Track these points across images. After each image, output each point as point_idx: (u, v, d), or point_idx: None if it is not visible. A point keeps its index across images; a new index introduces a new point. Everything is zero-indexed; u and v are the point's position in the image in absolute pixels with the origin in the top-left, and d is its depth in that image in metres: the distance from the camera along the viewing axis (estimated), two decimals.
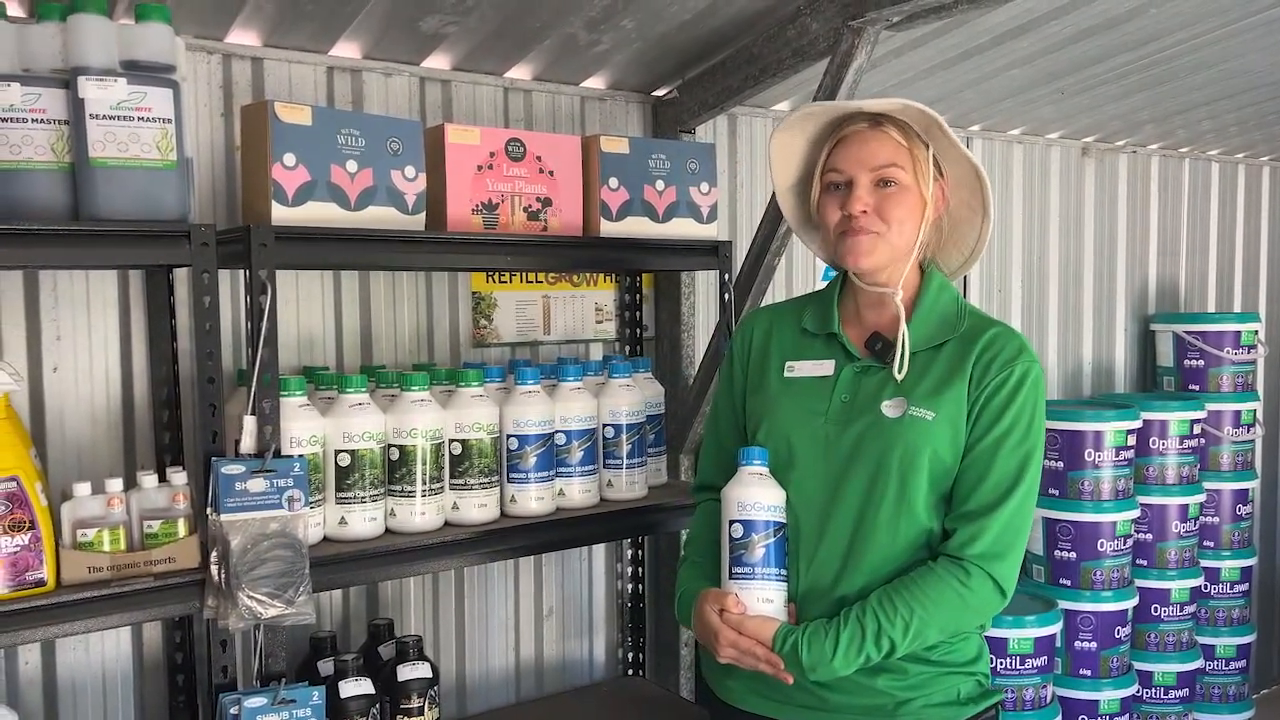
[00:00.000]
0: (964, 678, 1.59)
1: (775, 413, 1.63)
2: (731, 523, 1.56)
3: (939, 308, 1.61)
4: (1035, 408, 1.54)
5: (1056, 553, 3.25)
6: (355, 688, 1.94)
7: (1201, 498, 3.49)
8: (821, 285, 1.82)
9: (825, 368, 1.63)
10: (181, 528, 1.70)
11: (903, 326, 1.57)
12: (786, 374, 1.65)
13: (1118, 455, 3.21)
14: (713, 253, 2.30)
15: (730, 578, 1.56)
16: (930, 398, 1.53)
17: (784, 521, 1.57)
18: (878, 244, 1.55)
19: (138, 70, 1.62)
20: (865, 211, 1.55)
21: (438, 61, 2.35)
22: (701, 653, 1.72)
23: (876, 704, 1.55)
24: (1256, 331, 3.71)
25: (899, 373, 1.55)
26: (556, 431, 2.09)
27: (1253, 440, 3.75)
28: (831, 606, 1.54)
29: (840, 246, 1.58)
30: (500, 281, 2.49)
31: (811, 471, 1.58)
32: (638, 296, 2.64)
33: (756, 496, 1.55)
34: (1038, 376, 1.56)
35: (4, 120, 1.55)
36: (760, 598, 1.54)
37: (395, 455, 1.92)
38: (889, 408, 1.54)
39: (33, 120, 1.57)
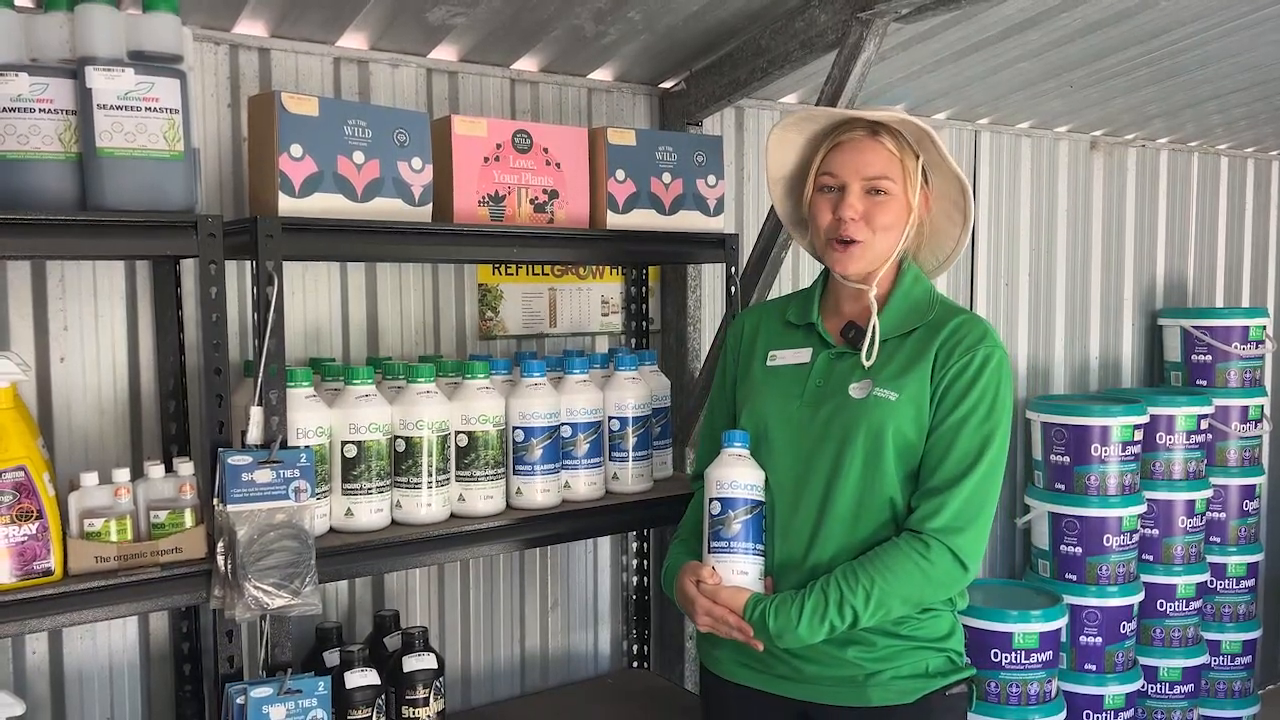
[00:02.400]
0: (933, 653, 1.67)
1: (756, 398, 1.75)
2: (711, 500, 1.67)
3: (911, 299, 1.71)
4: (998, 390, 1.63)
5: (1062, 548, 3.25)
6: (361, 678, 1.95)
7: (1208, 493, 3.49)
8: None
9: (803, 355, 1.74)
10: (188, 518, 1.70)
11: (873, 317, 1.68)
12: (769, 363, 1.77)
13: (1124, 450, 3.20)
14: (719, 245, 2.29)
15: (709, 551, 1.67)
16: (894, 380, 1.64)
17: (761, 500, 1.68)
18: (865, 252, 1.66)
19: (145, 60, 1.62)
20: (855, 219, 1.65)
21: (445, 53, 2.34)
22: (697, 631, 1.81)
23: (847, 675, 1.65)
24: (1265, 327, 3.70)
25: (867, 359, 1.66)
26: (562, 424, 2.09)
27: (1260, 436, 3.74)
28: (804, 577, 1.64)
29: (829, 254, 1.70)
30: (506, 274, 2.49)
31: (786, 451, 1.69)
32: (644, 289, 2.64)
33: (734, 476, 1.66)
34: (1001, 360, 1.64)
35: (11, 110, 1.55)
36: (736, 570, 1.64)
37: (401, 447, 1.92)
38: (856, 389, 1.65)
39: (40, 110, 1.57)
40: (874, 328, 1.67)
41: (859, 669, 1.64)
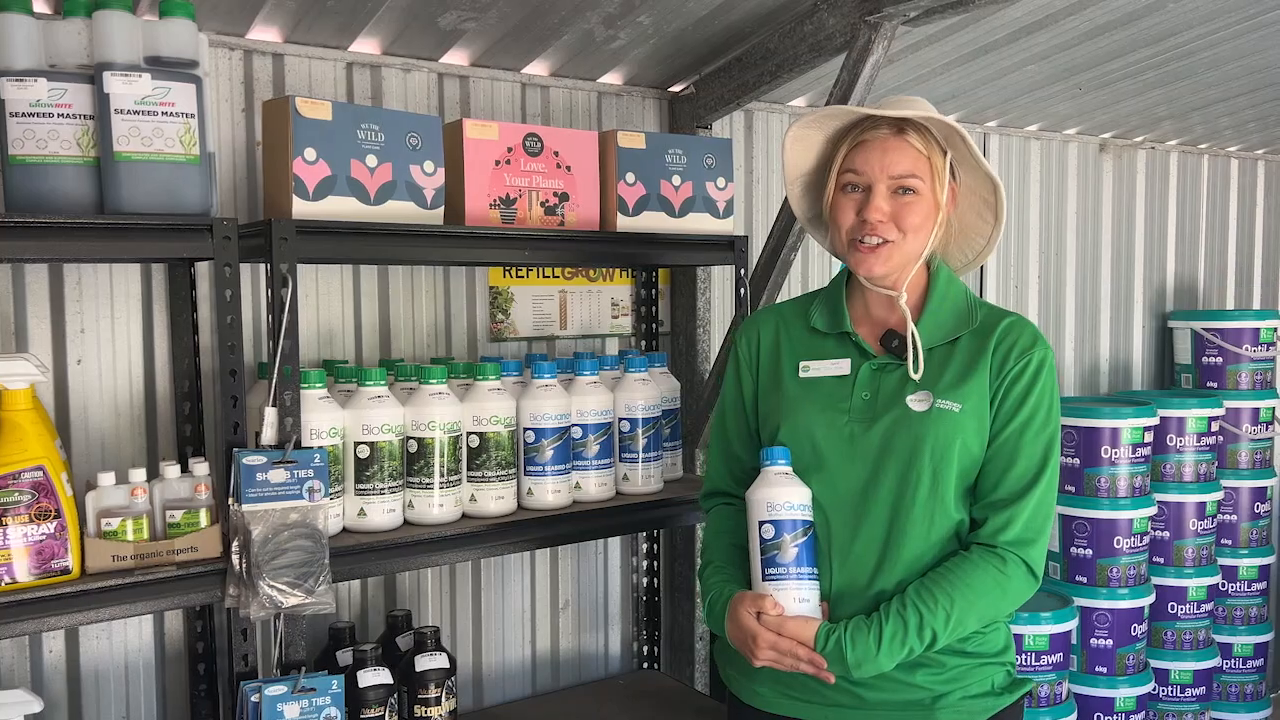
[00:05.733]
0: (996, 668, 1.61)
1: (796, 413, 1.62)
2: (762, 524, 1.54)
3: (949, 303, 1.63)
4: (1052, 393, 1.58)
5: (1073, 550, 3.24)
6: (374, 677, 1.96)
7: (1219, 495, 3.48)
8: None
9: (842, 366, 1.63)
10: (203, 518, 1.72)
11: (910, 326, 1.59)
12: (802, 374, 1.65)
13: (1135, 452, 3.19)
14: (729, 248, 2.30)
15: (764, 579, 1.53)
16: (954, 390, 1.55)
17: (812, 520, 1.56)
18: (893, 253, 1.57)
19: (161, 66, 1.64)
20: (882, 220, 1.56)
21: (456, 57, 2.36)
22: (721, 657, 1.71)
23: (914, 699, 1.55)
24: (1275, 329, 3.69)
25: (915, 372, 1.57)
26: (573, 425, 2.11)
27: (1271, 438, 3.73)
28: (868, 603, 1.54)
29: (853, 255, 1.60)
30: (517, 276, 2.51)
31: (840, 469, 1.57)
32: (654, 291, 2.65)
33: (785, 496, 1.54)
34: (1051, 362, 1.60)
35: (31, 115, 1.58)
36: (796, 598, 1.52)
37: (413, 448, 1.94)
38: (915, 402, 1.56)
39: (59, 115, 1.59)
40: (913, 335, 1.58)
41: (927, 692, 1.55)
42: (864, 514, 1.56)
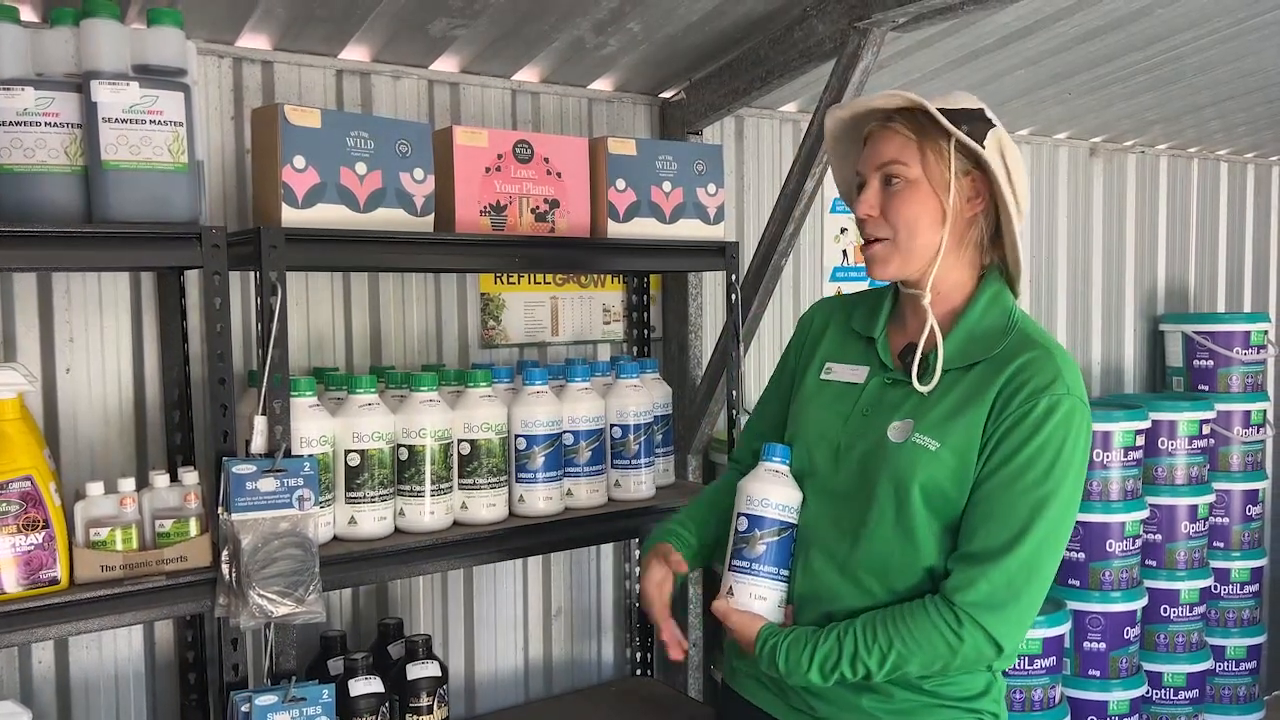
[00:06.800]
0: (960, 713, 1.47)
1: (803, 416, 1.58)
2: (739, 515, 1.55)
3: (985, 322, 1.47)
4: (1063, 447, 1.38)
5: (1065, 553, 3.24)
6: (365, 686, 1.95)
7: (1211, 498, 3.48)
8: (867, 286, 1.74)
9: (859, 374, 1.55)
10: (193, 527, 1.71)
11: (939, 341, 1.46)
12: (824, 375, 1.59)
13: (1126, 455, 3.20)
14: (720, 254, 2.30)
15: (729, 568, 1.55)
16: (941, 424, 1.42)
17: (792, 523, 1.53)
18: (890, 252, 1.47)
19: (150, 74, 1.64)
20: (871, 216, 1.47)
21: (446, 64, 2.36)
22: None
23: None
24: (1266, 332, 3.70)
25: (926, 387, 1.45)
26: (564, 432, 2.10)
27: (1263, 440, 3.74)
28: (820, 618, 1.49)
29: (865, 255, 1.52)
30: (508, 283, 2.50)
31: (825, 481, 1.52)
32: (645, 297, 2.65)
33: (767, 493, 1.53)
34: (1072, 410, 1.38)
35: (18, 124, 1.57)
36: (753, 594, 1.52)
37: (404, 455, 1.93)
38: (894, 430, 1.45)
39: (46, 124, 1.58)
40: (939, 355, 1.45)
41: (873, 718, 1.47)
42: (832, 530, 1.50)
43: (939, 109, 1.44)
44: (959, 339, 1.46)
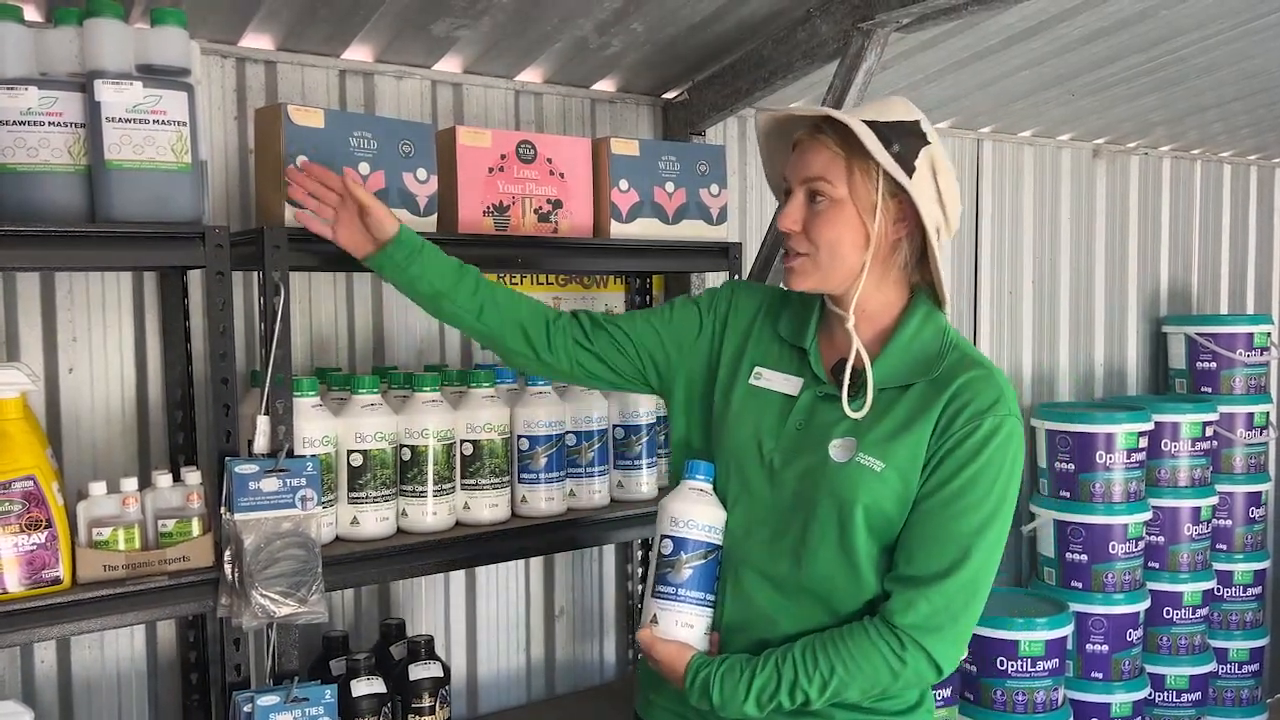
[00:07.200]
0: None
1: (731, 427, 1.49)
2: (663, 538, 1.46)
3: (917, 343, 1.43)
4: (1002, 468, 1.37)
5: (1068, 555, 3.25)
6: (367, 687, 1.95)
7: (1214, 500, 3.48)
8: None
9: (792, 385, 1.48)
10: (196, 527, 1.71)
11: (867, 365, 1.42)
12: (753, 381, 1.51)
13: (1129, 457, 3.20)
14: (723, 254, 2.30)
15: (652, 595, 1.46)
16: (883, 444, 1.38)
17: (718, 544, 1.46)
18: (809, 268, 1.43)
19: (153, 74, 1.63)
20: (793, 231, 1.42)
21: (449, 64, 2.36)
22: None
23: None
24: (1270, 333, 3.70)
25: (858, 413, 1.41)
26: (567, 432, 2.10)
27: (1266, 443, 3.74)
28: (752, 645, 1.43)
29: (784, 265, 1.48)
30: (511, 283, 2.50)
31: (755, 499, 1.45)
32: (648, 298, 2.65)
33: (692, 514, 1.45)
34: (1012, 432, 1.38)
35: (21, 123, 1.57)
36: (679, 621, 1.44)
37: (407, 455, 1.93)
38: (836, 449, 1.40)
39: (50, 123, 1.58)
40: (869, 378, 1.41)
41: None
42: (768, 553, 1.44)
43: (872, 121, 1.38)
44: (891, 360, 1.43)
